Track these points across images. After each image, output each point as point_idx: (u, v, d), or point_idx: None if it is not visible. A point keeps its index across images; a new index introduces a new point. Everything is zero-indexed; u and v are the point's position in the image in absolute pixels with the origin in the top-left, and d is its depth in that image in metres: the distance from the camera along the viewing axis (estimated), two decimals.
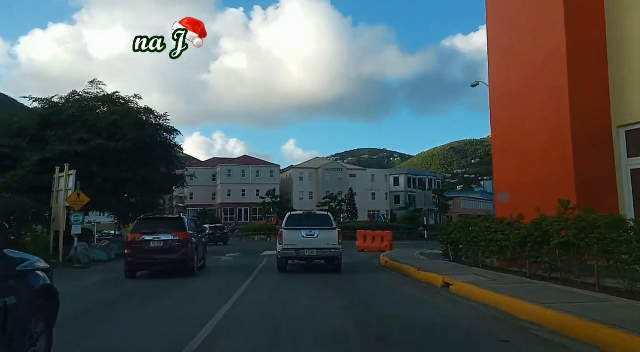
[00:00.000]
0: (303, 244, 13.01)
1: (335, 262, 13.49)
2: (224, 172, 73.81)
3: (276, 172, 76.02)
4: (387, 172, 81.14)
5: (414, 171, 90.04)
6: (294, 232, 13.17)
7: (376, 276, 13.47)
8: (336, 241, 13.09)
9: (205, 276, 13.49)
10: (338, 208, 53.04)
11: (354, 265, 16.88)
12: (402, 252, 20.97)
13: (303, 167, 78.28)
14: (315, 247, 12.99)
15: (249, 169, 74.48)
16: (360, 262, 18.19)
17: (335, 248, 13.09)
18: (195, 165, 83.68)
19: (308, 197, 73.93)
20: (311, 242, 12.99)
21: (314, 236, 13.01)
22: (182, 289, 10.78)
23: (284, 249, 13.18)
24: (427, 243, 24.00)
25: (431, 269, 11.86)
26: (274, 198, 50.17)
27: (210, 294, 10.09)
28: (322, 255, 13.21)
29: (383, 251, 23.29)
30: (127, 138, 21.83)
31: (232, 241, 44.91)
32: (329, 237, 13.06)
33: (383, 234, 24.71)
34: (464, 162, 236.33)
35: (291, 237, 13.12)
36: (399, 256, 17.81)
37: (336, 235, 13.18)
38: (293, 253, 13.23)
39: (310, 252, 13.06)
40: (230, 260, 20.80)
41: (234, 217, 71.36)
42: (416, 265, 12.93)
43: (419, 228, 38.54)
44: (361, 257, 20.96)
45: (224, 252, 26.34)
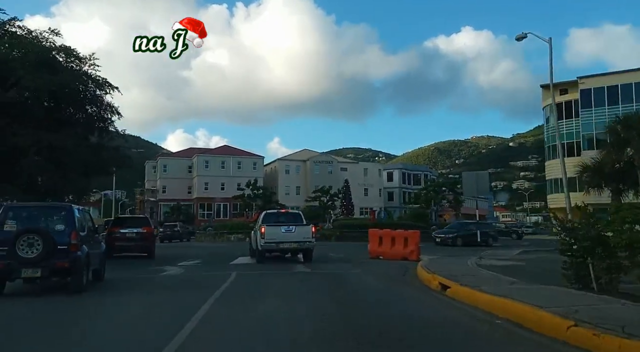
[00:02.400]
0: (282, 238, 14.87)
1: (308, 254, 15.53)
2: (201, 163, 65.61)
3: (260, 164, 68.06)
4: (381, 167, 73.84)
5: (409, 166, 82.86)
6: (274, 228, 14.98)
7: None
8: (310, 234, 15.16)
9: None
10: (330, 203, 45.70)
11: (382, 292, 9.33)
12: (447, 263, 13.59)
13: (290, 159, 70.37)
14: (293, 240, 14.93)
15: (229, 160, 66.37)
16: (387, 290, 10.56)
17: (310, 241, 15.14)
18: (169, 156, 75.55)
19: (295, 191, 66.25)
20: (290, 237, 14.89)
21: (292, 231, 14.94)
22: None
23: (266, 242, 14.78)
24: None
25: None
26: (255, 190, 42.51)
27: None
28: (301, 247, 15.25)
29: (406, 258, 15.95)
30: (24, 84, 14.05)
31: (201, 240, 37.07)
32: (304, 232, 15.12)
33: (407, 234, 17.23)
34: (449, 163, 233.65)
35: (272, 233, 14.84)
36: (458, 272, 10.33)
37: (310, 230, 15.29)
38: (274, 246, 15.06)
39: (289, 245, 15.03)
40: (176, 273, 13.06)
41: (211, 213, 63.34)
42: (561, 310, 5.46)
43: (430, 227, 31.60)
44: (382, 270, 13.40)
45: (179, 257, 18.57)
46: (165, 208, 64.53)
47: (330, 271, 13.25)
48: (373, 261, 16.66)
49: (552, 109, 46.17)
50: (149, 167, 71.32)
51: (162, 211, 64.89)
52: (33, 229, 8.25)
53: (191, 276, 12.27)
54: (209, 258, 18.58)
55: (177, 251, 24.44)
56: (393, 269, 13.45)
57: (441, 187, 41.00)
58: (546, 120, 50.45)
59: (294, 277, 11.99)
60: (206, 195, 64.12)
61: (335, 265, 15.14)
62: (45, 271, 8.19)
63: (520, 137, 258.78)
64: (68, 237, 8.43)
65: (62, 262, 8.24)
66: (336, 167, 68.86)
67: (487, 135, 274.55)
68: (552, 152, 49.99)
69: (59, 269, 8.33)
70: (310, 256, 15.50)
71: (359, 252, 20.37)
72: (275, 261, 16.03)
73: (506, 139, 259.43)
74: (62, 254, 8.22)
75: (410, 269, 12.62)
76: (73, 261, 8.32)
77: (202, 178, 64.86)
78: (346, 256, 18.66)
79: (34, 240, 8.05)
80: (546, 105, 50.93)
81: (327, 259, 17.47)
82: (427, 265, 12.05)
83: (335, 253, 19.52)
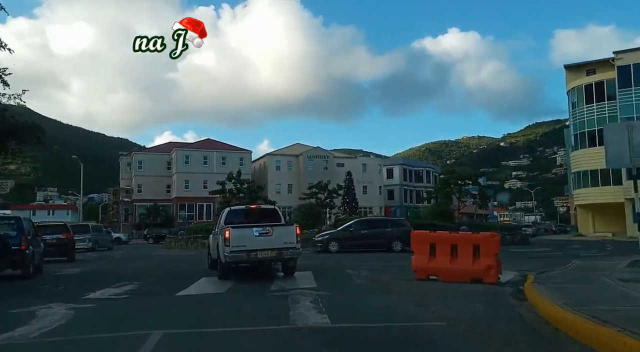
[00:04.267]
0: (256, 245, 10.18)
1: (291, 265, 10.93)
2: (180, 158, 58.02)
3: (247, 160, 60.53)
4: (381, 162, 66.86)
5: (410, 162, 75.88)
6: (243, 231, 10.32)
7: None
8: (294, 237, 10.50)
9: None
10: (328, 201, 38.64)
11: None
12: (580, 290, 6.73)
13: (281, 154, 63.04)
14: (271, 247, 10.24)
15: (211, 155, 58.79)
16: None
17: (294, 247, 10.49)
18: (145, 151, 68.00)
19: (287, 190, 59.10)
20: (266, 242, 10.22)
21: (268, 233, 10.23)
22: None
23: (232, 252, 10.05)
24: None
25: None
26: (238, 184, 35.19)
27: None
28: (281, 256, 10.44)
29: (479, 279, 9.52)
30: None
31: (170, 247, 29.86)
32: (286, 234, 10.50)
33: (479, 239, 10.13)
34: (440, 163, 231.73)
35: (241, 237, 10.11)
36: None
37: (294, 231, 10.62)
38: (243, 256, 10.15)
39: (266, 253, 10.24)
40: (44, 327, 6.04)
41: (192, 214, 55.90)
42: None
43: (460, 227, 24.93)
44: (479, 319, 6.32)
45: (111, 275, 11.65)
46: (141, 209, 57.03)
47: (370, 319, 6.23)
48: (424, 284, 9.70)
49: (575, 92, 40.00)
50: (123, 163, 63.72)
51: (137, 213, 57.39)
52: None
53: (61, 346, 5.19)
54: (153, 280, 11.52)
55: (116, 266, 17.38)
56: (488, 307, 6.55)
57: (464, 179, 34.17)
58: (572, 105, 44.05)
59: (296, 341, 4.99)
60: (186, 194, 56.68)
61: (370, 300, 8.03)
62: (3, 264, 11.45)
63: (511, 137, 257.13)
64: (19, 240, 11.66)
65: (16, 258, 11.51)
66: (332, 163, 61.82)
67: (477, 136, 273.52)
68: (580, 141, 43.48)
69: (13, 262, 11.61)
70: (294, 267, 11.11)
71: (389, 266, 13.42)
72: (248, 279, 10.94)
73: (497, 139, 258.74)
74: (15, 252, 11.45)
75: (522, 310, 5.79)
76: (23, 257, 11.64)
77: (182, 175, 57.38)
78: (373, 274, 11.64)
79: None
80: (572, 88, 44.56)
81: (345, 281, 10.55)
82: (570, 303, 5.20)
83: (354, 269, 12.54)
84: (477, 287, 9.10)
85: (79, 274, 13.51)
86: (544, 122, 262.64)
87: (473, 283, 9.47)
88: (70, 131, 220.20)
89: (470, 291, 8.57)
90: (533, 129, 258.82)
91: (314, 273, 11.66)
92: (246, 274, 12.08)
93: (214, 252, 11.73)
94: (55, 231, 19.59)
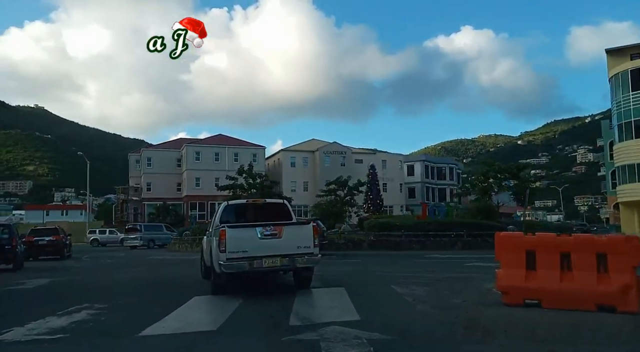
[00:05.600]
0: (261, 250, 7.68)
1: (306, 276, 8.43)
2: (191, 155, 54.96)
3: (260, 156, 57.20)
4: (402, 158, 63.05)
5: (432, 158, 71.73)
6: (243, 232, 7.88)
7: None
8: (311, 241, 7.96)
9: None
10: (348, 199, 35.17)
11: None
12: None
13: (296, 150, 59.56)
14: (280, 253, 7.73)
15: (223, 151, 55.62)
16: None
17: (310, 253, 7.91)
18: (154, 147, 65.30)
19: (302, 187, 55.76)
20: (274, 246, 7.73)
21: (277, 235, 7.77)
22: None
23: (229, 259, 7.56)
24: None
25: None
26: (250, 178, 31.76)
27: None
28: (294, 265, 7.87)
29: (609, 307, 6.09)
30: None
31: (175, 249, 26.80)
32: (300, 236, 7.97)
33: (603, 244, 6.87)
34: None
35: (240, 240, 7.70)
36: None
37: (311, 232, 8.04)
38: (244, 265, 7.63)
39: (273, 261, 7.69)
40: None
41: (204, 213, 52.94)
42: None
43: (507, 227, 21.32)
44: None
45: (85, 290, 9.18)
46: (150, 208, 54.26)
47: None
48: (527, 314, 6.23)
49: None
50: (132, 161, 61.06)
51: (146, 212, 54.64)
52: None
53: None
54: (125, 300, 8.26)
55: (96, 276, 14.32)
56: None
57: (505, 172, 30.27)
58: (615, 93, 39.88)
59: None
60: (197, 192, 53.69)
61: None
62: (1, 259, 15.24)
63: (529, 135, 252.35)
64: (11, 241, 15.15)
65: (8, 255, 15.09)
66: (350, 159, 58.21)
67: (494, 134, 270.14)
68: (625, 132, 39.24)
69: (6, 258, 15.16)
70: (310, 278, 8.64)
71: (443, 279, 9.98)
72: (253, 298, 8.08)
73: (514, 138, 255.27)
74: (8, 251, 15.03)
75: None
76: (14, 254, 15.23)
77: (193, 172, 54.35)
78: (434, 294, 8.11)
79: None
80: (615, 75, 40.34)
81: (399, 307, 6.95)
82: None
83: (401, 283, 9.06)
84: (614, 320, 5.72)
85: (39, 289, 10.34)
86: (563, 120, 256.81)
87: (600, 312, 6.10)
88: (88, 133, 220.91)
89: (610, 329, 5.14)
90: (551, 126, 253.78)
91: (348, 289, 8.32)
92: (250, 287, 8.85)
93: (207, 258, 9.32)
94: (48, 234, 22.21)
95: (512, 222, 24.59)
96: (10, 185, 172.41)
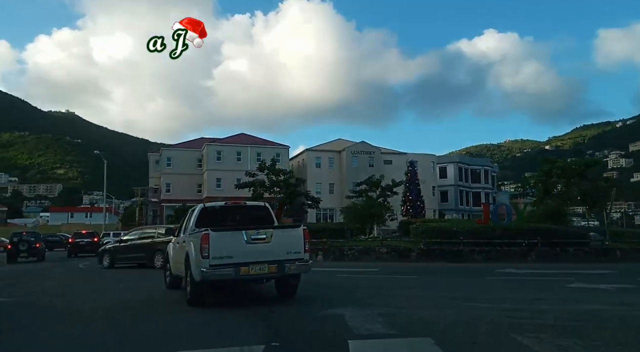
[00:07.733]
0: (248, 256, 6.99)
1: (293, 282, 7.67)
2: (212, 154, 51.53)
3: (284, 155, 53.26)
4: (434, 159, 58.36)
5: (466, 159, 66.63)
6: (228, 236, 7.09)
7: None
8: (302, 246, 7.31)
9: None
10: (381, 201, 30.94)
11: None
12: None
13: (321, 150, 55.58)
14: (268, 259, 7.05)
15: (245, 150, 52.00)
16: None
17: (301, 258, 7.29)
18: (174, 147, 62.21)
19: (328, 190, 51.61)
20: (262, 252, 7.04)
21: (264, 239, 7.11)
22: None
23: (213, 266, 6.87)
24: None
25: None
26: (273, 175, 27.80)
27: None
28: (283, 272, 7.13)
29: None
30: None
31: None
32: (290, 241, 7.31)
33: None
34: None
35: (224, 245, 6.97)
36: None
37: (301, 236, 7.37)
38: (229, 272, 6.91)
39: (261, 268, 7.01)
40: None
41: None
42: None
43: (589, 234, 16.77)
44: None
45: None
46: (168, 210, 50.94)
47: None
48: None
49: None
50: (152, 161, 58.10)
51: (165, 214, 51.37)
52: (24, 239, 22.98)
53: None
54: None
55: (48, 296, 10.58)
56: None
57: (571, 170, 25.26)
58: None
59: None
60: (218, 193, 50.04)
61: None
62: (30, 254, 22.45)
63: (557, 140, 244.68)
64: (36, 242, 22.99)
65: (35, 252, 22.55)
66: (379, 159, 53.79)
67: (520, 139, 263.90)
68: None
69: (34, 254, 22.44)
70: (296, 286, 7.67)
71: (597, 320, 5.60)
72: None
73: (541, 143, 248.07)
74: (35, 248, 22.71)
75: None
76: (38, 251, 22.81)
77: (213, 173, 50.88)
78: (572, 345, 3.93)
79: (25, 243, 22.77)
80: None
81: None
82: None
83: (527, 334, 4.83)
84: None
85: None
86: (592, 125, 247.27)
87: None
88: (117, 137, 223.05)
89: None
90: (580, 131, 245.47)
91: (442, 344, 4.15)
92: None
93: (176, 266, 8.77)
94: (88, 237, 27.82)
95: (584, 228, 19.92)
96: (41, 188, 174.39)
